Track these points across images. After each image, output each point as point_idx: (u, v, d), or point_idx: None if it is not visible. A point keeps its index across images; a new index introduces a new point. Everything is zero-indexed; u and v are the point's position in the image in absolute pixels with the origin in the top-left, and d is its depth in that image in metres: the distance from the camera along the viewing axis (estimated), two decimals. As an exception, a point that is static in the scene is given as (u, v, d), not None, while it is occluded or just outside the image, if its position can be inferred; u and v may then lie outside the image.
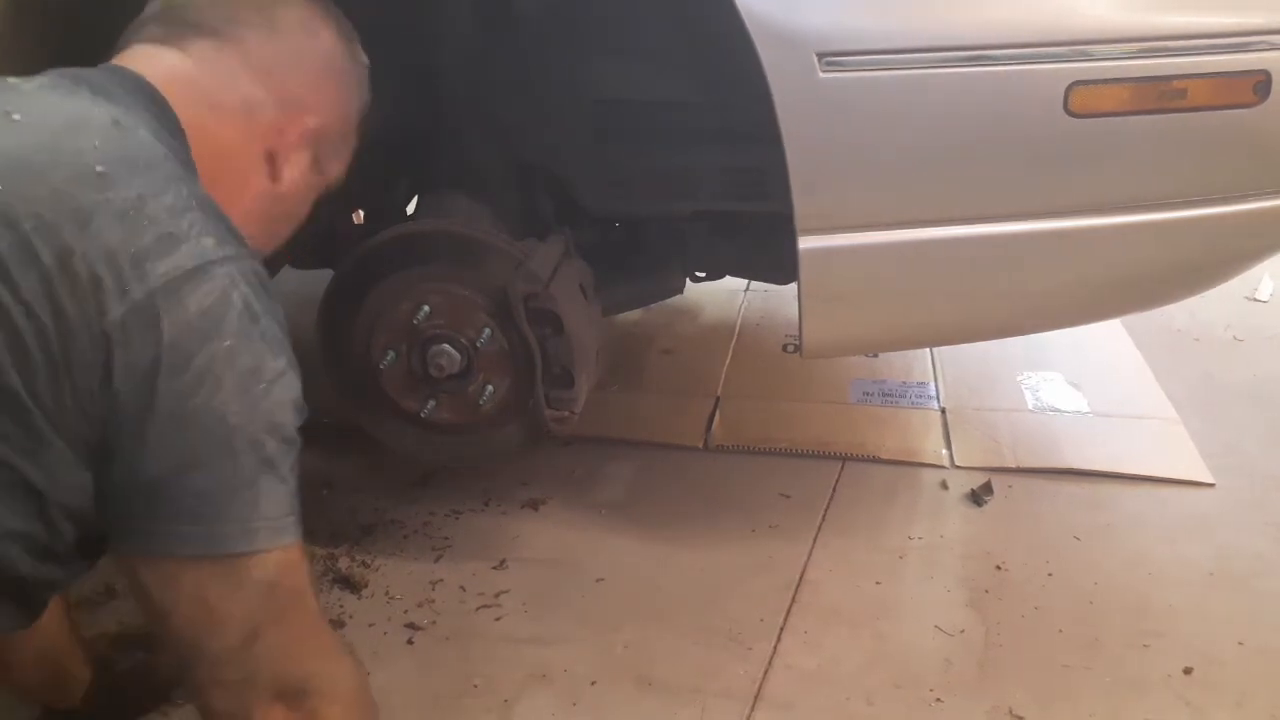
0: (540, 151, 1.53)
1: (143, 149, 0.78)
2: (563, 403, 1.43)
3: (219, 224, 0.80)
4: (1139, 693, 1.33)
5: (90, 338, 0.72)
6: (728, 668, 1.40)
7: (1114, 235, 1.24)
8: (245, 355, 0.77)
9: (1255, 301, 2.61)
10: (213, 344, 0.75)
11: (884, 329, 1.45)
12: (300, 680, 0.84)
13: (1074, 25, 1.13)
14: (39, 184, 0.72)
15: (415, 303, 1.38)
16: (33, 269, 0.70)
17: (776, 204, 1.27)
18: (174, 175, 0.79)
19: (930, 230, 1.24)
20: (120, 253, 0.72)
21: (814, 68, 1.12)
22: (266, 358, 0.79)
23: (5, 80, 0.82)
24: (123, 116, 0.79)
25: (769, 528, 1.70)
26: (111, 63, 0.88)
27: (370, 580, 1.59)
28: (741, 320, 2.49)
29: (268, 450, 0.78)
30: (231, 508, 0.77)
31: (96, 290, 0.71)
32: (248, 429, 0.77)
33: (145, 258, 0.73)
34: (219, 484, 0.77)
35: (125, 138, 0.78)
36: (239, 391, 0.76)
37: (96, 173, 0.73)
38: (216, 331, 0.75)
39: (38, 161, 0.73)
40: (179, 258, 0.74)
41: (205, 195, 0.81)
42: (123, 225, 0.73)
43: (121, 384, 0.73)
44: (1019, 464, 1.85)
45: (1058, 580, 1.55)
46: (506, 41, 1.43)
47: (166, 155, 0.80)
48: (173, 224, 0.75)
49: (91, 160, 0.74)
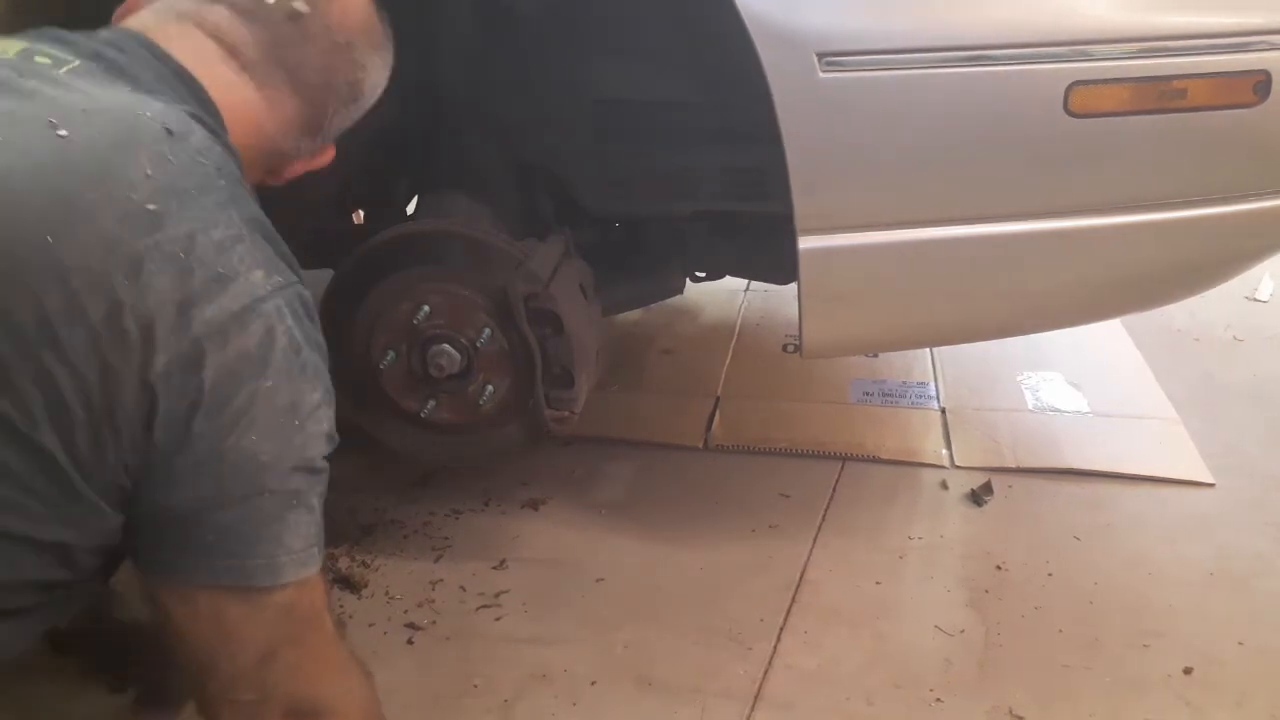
0: (540, 151, 1.53)
1: (194, 170, 0.75)
2: (563, 403, 1.43)
3: (267, 249, 0.78)
4: (1139, 693, 1.33)
5: (134, 389, 0.70)
6: (728, 668, 1.40)
7: (1114, 235, 1.24)
8: (284, 393, 0.76)
9: (1255, 301, 2.61)
10: (253, 384, 0.74)
11: (884, 329, 1.45)
12: (312, 700, 0.84)
13: (1074, 25, 1.13)
14: (89, 230, 0.68)
15: (415, 303, 1.38)
16: (81, 327, 0.67)
17: (776, 204, 1.27)
18: (224, 199, 0.76)
19: (930, 230, 1.24)
20: (169, 301, 0.70)
21: (814, 68, 1.12)
22: (305, 392, 0.78)
23: (33, 60, 0.76)
24: (172, 121, 0.75)
25: (769, 528, 1.70)
26: (134, 31, 0.83)
27: (370, 580, 1.59)
28: (741, 320, 2.49)
29: (296, 484, 0.78)
30: (259, 544, 0.77)
31: (144, 343, 0.69)
32: (278, 466, 0.76)
33: (193, 303, 0.71)
34: (246, 521, 0.76)
35: (176, 156, 0.74)
36: (274, 430, 0.76)
37: (148, 212, 0.70)
38: (259, 373, 0.74)
39: (87, 202, 0.69)
40: (226, 300, 0.73)
41: (254, 214, 0.79)
42: (173, 270, 0.70)
43: (160, 430, 0.72)
44: (1019, 464, 1.85)
45: (1058, 580, 1.55)
46: (506, 41, 1.43)
47: (218, 169, 0.77)
48: (222, 262, 0.73)
49: (143, 197, 0.70)
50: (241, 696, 0.81)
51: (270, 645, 0.80)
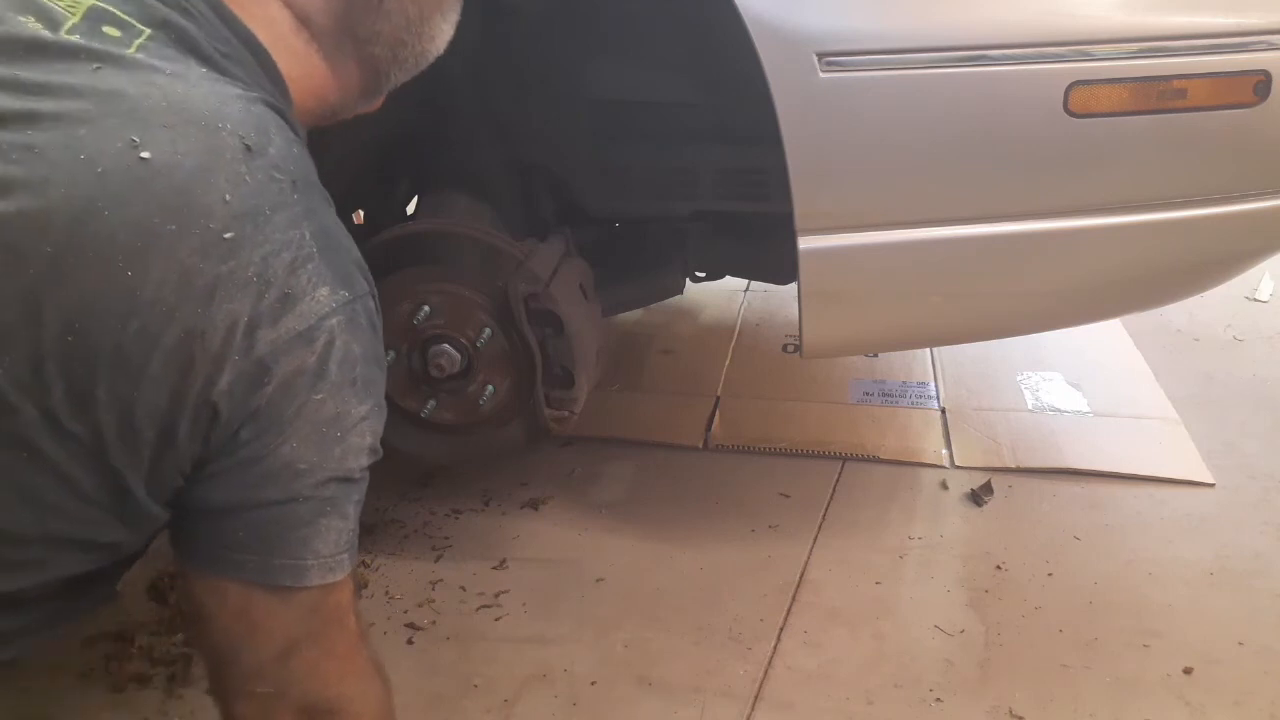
0: (540, 151, 1.53)
1: (269, 188, 0.74)
2: (563, 403, 1.44)
3: (337, 263, 0.78)
4: (1139, 693, 1.33)
5: (198, 407, 0.71)
6: (728, 667, 1.40)
7: (1114, 235, 1.25)
8: (331, 405, 0.77)
9: (1255, 301, 2.61)
10: (305, 397, 0.75)
11: (884, 329, 1.45)
12: (328, 700, 0.84)
13: (1074, 25, 1.13)
14: (167, 263, 0.68)
15: (415, 303, 1.38)
16: (154, 354, 0.68)
17: (776, 204, 1.28)
18: (298, 214, 0.75)
19: (930, 230, 1.24)
20: (238, 324, 0.71)
21: (814, 68, 1.12)
22: (352, 404, 0.78)
23: (101, 30, 0.72)
24: (250, 131, 0.74)
25: (769, 528, 1.70)
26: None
27: (370, 580, 1.59)
28: (741, 320, 2.49)
29: (331, 492, 0.79)
30: (287, 546, 0.78)
31: (213, 365, 0.70)
32: (315, 475, 0.77)
33: (260, 324, 0.71)
34: (278, 523, 0.77)
35: (253, 175, 0.73)
36: (314, 440, 0.76)
37: (224, 240, 0.70)
38: (312, 386, 0.75)
39: (166, 235, 0.68)
40: (292, 320, 0.73)
41: (327, 225, 0.79)
42: (244, 295, 0.71)
43: (215, 442, 0.73)
44: (1019, 464, 1.85)
45: (1058, 580, 1.55)
46: (508, 42, 1.43)
47: (293, 182, 0.76)
48: (291, 282, 0.73)
49: (220, 225, 0.70)
50: (259, 689, 0.81)
51: (293, 640, 0.80)
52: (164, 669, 1.40)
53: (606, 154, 1.51)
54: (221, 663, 0.81)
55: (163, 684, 1.38)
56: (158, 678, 1.39)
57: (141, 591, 1.55)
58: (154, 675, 1.39)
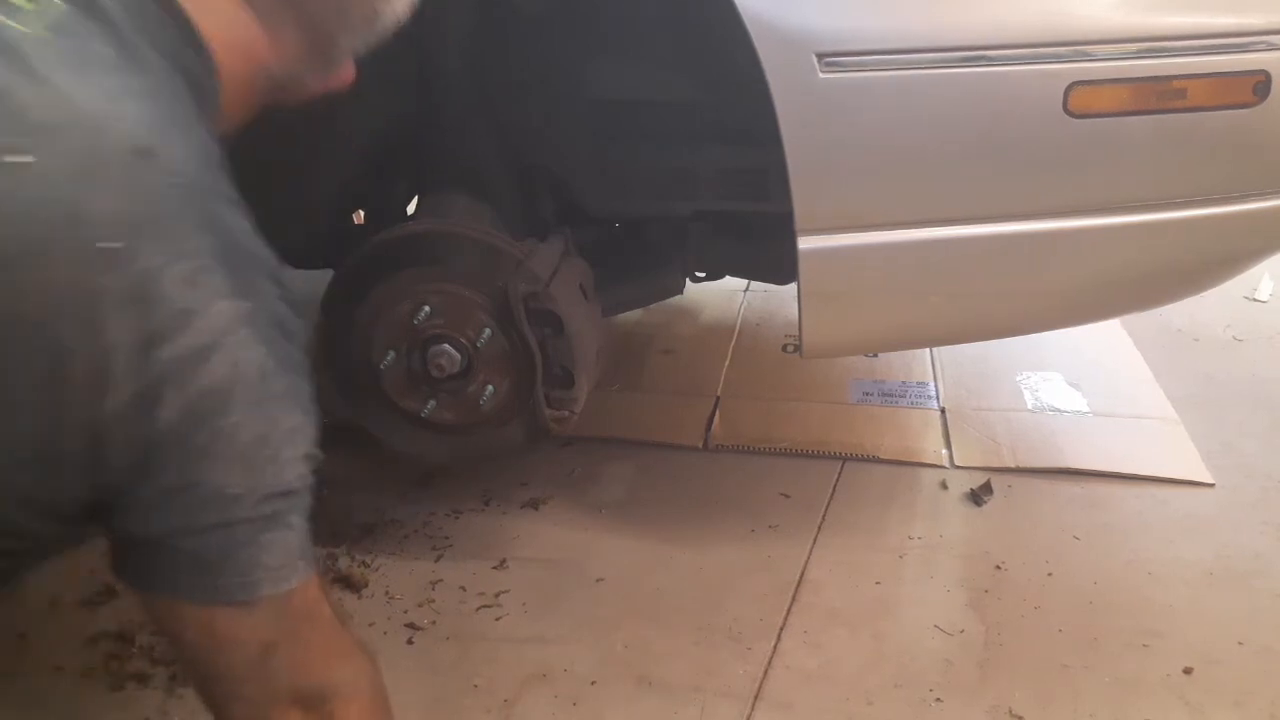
0: (540, 151, 1.53)
1: (165, 195, 0.69)
2: (563, 403, 1.44)
3: (239, 270, 0.73)
4: (1139, 693, 1.33)
5: (80, 432, 0.67)
6: (727, 667, 1.40)
7: (1114, 235, 1.25)
8: (250, 426, 0.73)
9: (1255, 301, 2.61)
10: (216, 422, 0.71)
11: (884, 329, 1.45)
12: (318, 687, 0.82)
13: (1074, 25, 1.13)
14: (42, 275, 0.63)
15: (415, 303, 1.38)
16: (25, 375, 0.64)
17: (776, 204, 1.28)
18: (198, 223, 0.70)
19: (930, 230, 1.24)
20: (123, 344, 0.66)
21: (814, 68, 1.12)
22: (277, 420, 0.75)
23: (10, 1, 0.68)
24: (143, 133, 0.69)
25: (769, 528, 1.70)
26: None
27: (370, 580, 1.59)
28: (741, 320, 2.49)
29: (271, 508, 0.75)
30: (233, 565, 0.75)
31: (95, 388, 0.66)
32: (250, 497, 0.74)
33: (151, 343, 0.67)
34: (220, 546, 0.74)
35: (145, 181, 0.68)
36: (241, 464, 0.73)
37: (110, 251, 0.65)
38: (221, 409, 0.71)
39: (43, 245, 0.63)
40: (189, 336, 0.68)
41: (229, 227, 0.73)
42: (131, 312, 0.66)
43: (119, 466, 0.69)
44: (1019, 464, 1.85)
45: (1058, 580, 1.55)
46: (508, 41, 1.43)
47: (189, 188, 0.71)
48: (187, 297, 0.68)
49: (106, 235, 0.65)
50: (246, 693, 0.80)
51: (267, 643, 0.79)
52: (164, 669, 1.40)
53: (606, 154, 1.51)
54: (203, 677, 0.80)
55: (163, 684, 1.38)
56: (158, 677, 1.39)
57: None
58: (154, 675, 1.39)
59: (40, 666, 1.41)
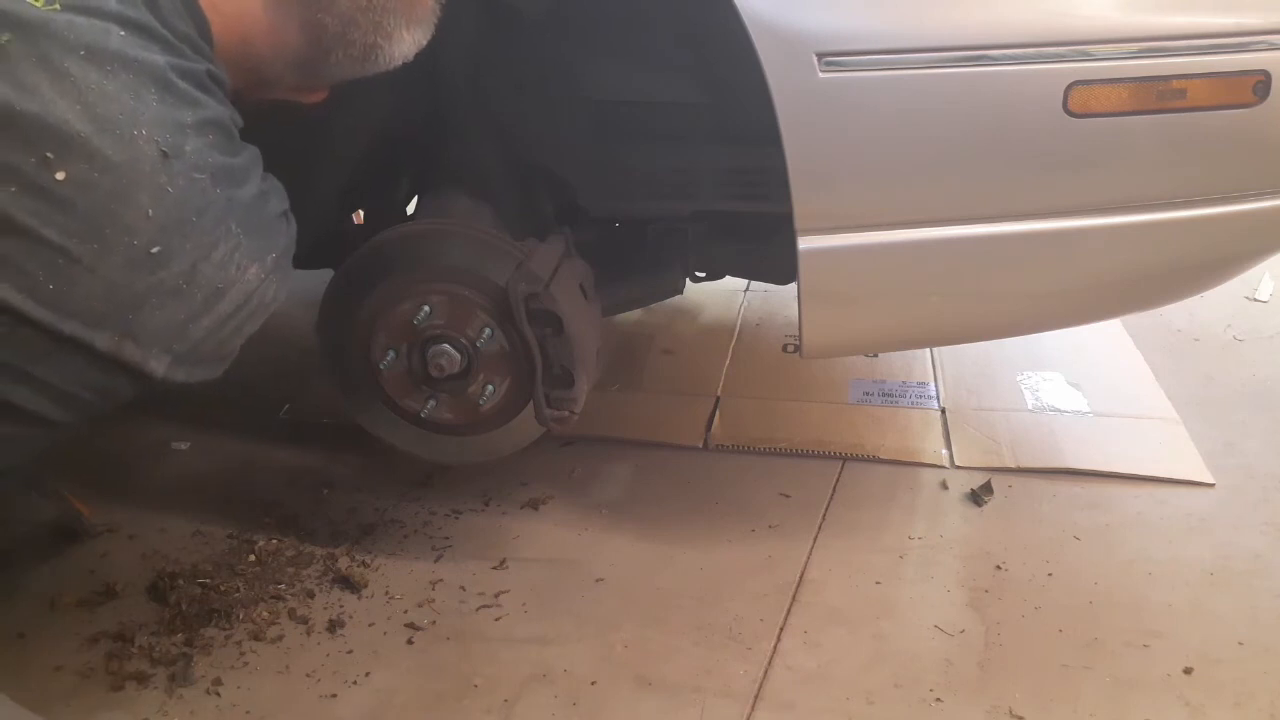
0: (541, 151, 1.53)
1: (192, 191, 0.74)
2: (563, 403, 1.43)
3: (262, 229, 0.81)
4: (1139, 693, 1.33)
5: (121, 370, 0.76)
6: (728, 667, 1.40)
7: (1114, 235, 1.25)
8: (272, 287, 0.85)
9: (1255, 301, 2.60)
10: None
11: (884, 329, 1.45)
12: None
13: (1074, 25, 1.13)
14: (92, 279, 0.70)
15: (415, 303, 1.38)
16: (79, 355, 0.73)
17: (776, 204, 1.28)
18: (223, 210, 0.77)
19: (930, 230, 1.24)
20: (168, 326, 0.74)
21: (814, 68, 1.12)
22: (278, 237, 0.85)
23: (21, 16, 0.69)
24: (165, 132, 0.72)
25: (769, 528, 1.70)
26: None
27: (370, 580, 1.59)
28: (741, 320, 2.49)
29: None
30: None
31: (142, 365, 0.75)
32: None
33: (191, 319, 0.76)
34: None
35: (175, 182, 0.73)
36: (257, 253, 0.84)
37: (150, 255, 0.72)
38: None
39: (88, 255, 0.69)
40: (224, 306, 0.78)
41: (246, 204, 0.80)
42: (174, 302, 0.74)
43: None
44: (1019, 464, 1.85)
45: (1058, 580, 1.55)
46: (508, 42, 1.43)
47: (213, 174, 0.76)
48: (221, 276, 0.77)
49: (145, 241, 0.71)
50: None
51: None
52: (164, 669, 1.40)
53: (606, 154, 1.51)
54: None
55: (163, 684, 1.38)
56: (158, 678, 1.39)
57: (141, 591, 1.55)
58: (154, 675, 1.39)
59: (40, 666, 1.41)
